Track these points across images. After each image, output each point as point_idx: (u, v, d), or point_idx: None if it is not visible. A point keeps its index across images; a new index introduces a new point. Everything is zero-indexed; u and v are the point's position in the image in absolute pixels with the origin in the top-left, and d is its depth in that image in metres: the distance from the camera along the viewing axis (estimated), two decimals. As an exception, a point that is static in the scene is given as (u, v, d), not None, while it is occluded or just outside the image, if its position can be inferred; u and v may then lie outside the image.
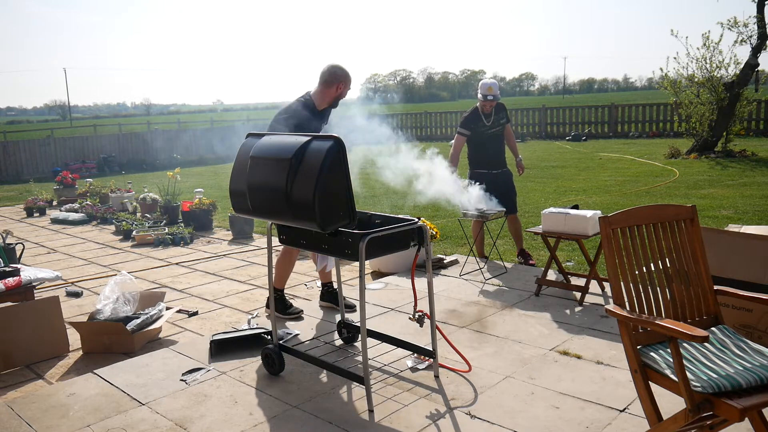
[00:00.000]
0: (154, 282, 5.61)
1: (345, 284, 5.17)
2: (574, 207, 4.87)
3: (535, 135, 22.66)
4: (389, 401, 3.04)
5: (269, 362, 3.42)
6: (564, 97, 77.67)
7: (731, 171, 11.38)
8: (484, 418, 2.84)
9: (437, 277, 5.22)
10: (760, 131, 18.53)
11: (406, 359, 3.51)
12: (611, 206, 7.99)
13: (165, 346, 3.93)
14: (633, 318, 2.26)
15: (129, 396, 3.21)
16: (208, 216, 8.11)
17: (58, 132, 25.67)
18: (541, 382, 3.19)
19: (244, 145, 3.17)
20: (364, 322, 2.93)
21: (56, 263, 6.49)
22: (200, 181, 13.25)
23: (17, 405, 3.16)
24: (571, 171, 12.49)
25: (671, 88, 14.82)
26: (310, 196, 2.74)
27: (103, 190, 10.57)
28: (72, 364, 3.81)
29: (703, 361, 2.24)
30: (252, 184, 3.04)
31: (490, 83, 5.53)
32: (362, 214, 3.25)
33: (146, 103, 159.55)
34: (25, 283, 4.08)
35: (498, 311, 4.32)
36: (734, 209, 7.58)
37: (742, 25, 13.79)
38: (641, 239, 2.49)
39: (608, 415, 2.83)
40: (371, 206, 8.26)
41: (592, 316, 4.15)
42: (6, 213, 10.52)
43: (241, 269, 5.97)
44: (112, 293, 4.08)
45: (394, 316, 4.30)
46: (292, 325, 4.21)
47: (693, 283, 2.54)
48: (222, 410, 3.03)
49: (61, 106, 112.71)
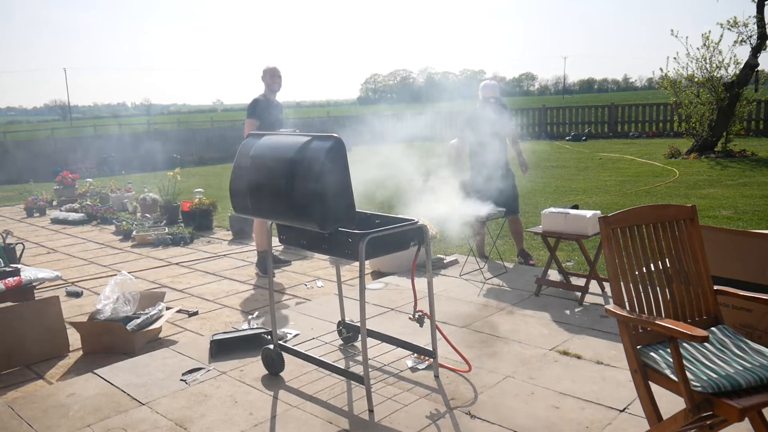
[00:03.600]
0: (154, 282, 5.61)
1: (345, 284, 5.17)
2: (574, 207, 4.87)
3: (535, 135, 22.65)
4: (389, 401, 3.04)
5: (269, 362, 3.42)
6: (564, 97, 77.65)
7: (731, 171, 11.38)
8: (484, 418, 2.84)
9: (437, 277, 5.22)
10: (760, 131, 18.52)
11: (406, 359, 3.51)
12: (611, 206, 7.99)
13: (165, 346, 3.93)
14: (633, 318, 2.26)
15: (129, 396, 3.22)
16: (208, 216, 8.11)
17: (58, 132, 25.69)
18: (541, 382, 3.19)
19: (244, 145, 3.17)
20: (364, 322, 2.94)
21: (56, 263, 6.49)
22: (200, 181, 13.24)
23: (17, 405, 3.16)
24: (571, 171, 12.49)
25: (671, 88, 14.82)
26: (310, 196, 2.75)
27: (103, 190, 10.56)
28: (72, 364, 3.81)
29: (703, 361, 2.24)
30: (252, 184, 3.04)
31: (492, 85, 5.49)
32: (362, 214, 3.25)
33: (146, 103, 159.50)
34: (25, 283, 4.08)
35: (498, 311, 4.32)
36: (734, 209, 7.58)
37: (742, 25, 13.79)
38: (641, 239, 2.49)
39: (608, 415, 2.83)
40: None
41: (592, 316, 4.15)
42: (6, 213, 10.52)
43: (241, 269, 5.97)
44: (112, 293, 4.08)
45: (394, 316, 4.30)
46: (292, 325, 4.21)
47: (693, 283, 2.54)
48: (222, 410, 3.03)
49: (61, 106, 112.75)
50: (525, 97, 69.82)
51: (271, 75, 5.60)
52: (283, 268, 5.92)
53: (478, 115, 5.50)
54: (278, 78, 5.64)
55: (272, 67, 5.64)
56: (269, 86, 5.60)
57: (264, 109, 5.51)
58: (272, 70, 5.62)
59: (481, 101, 5.45)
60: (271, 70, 5.62)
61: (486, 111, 5.46)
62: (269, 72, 5.61)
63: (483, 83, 5.52)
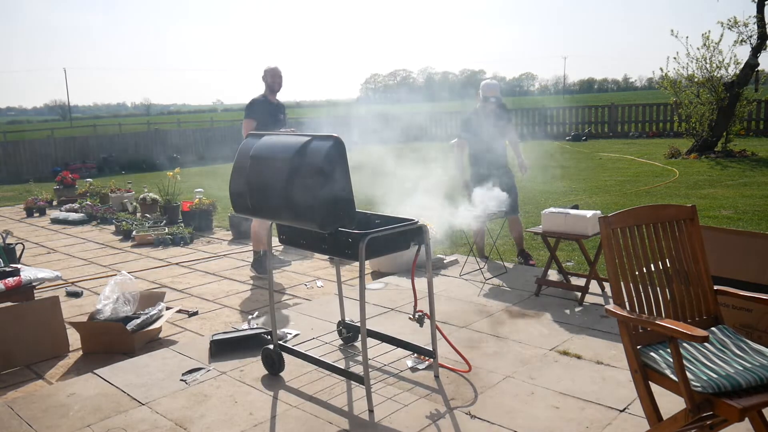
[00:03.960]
0: (154, 282, 5.61)
1: (345, 284, 5.17)
2: (574, 207, 4.87)
3: (535, 135, 22.64)
4: (389, 401, 3.04)
5: (269, 362, 3.42)
6: (564, 97, 77.62)
7: (731, 171, 11.38)
8: (484, 418, 2.84)
9: (437, 277, 5.22)
10: (760, 131, 18.51)
11: (406, 359, 3.51)
12: (611, 206, 7.99)
13: (165, 346, 3.93)
14: (633, 318, 2.26)
15: (129, 396, 3.21)
16: (208, 216, 8.11)
17: (58, 132, 25.64)
18: (541, 382, 3.19)
19: (244, 145, 3.17)
20: (364, 322, 2.93)
21: (56, 263, 6.49)
22: (200, 181, 13.24)
23: (17, 405, 3.16)
24: (571, 171, 12.49)
25: (671, 88, 14.81)
26: (310, 196, 2.75)
27: (103, 190, 10.56)
28: (72, 364, 3.81)
29: (703, 361, 2.24)
30: (252, 184, 3.04)
31: (493, 84, 5.48)
32: (362, 214, 3.25)
33: (146, 103, 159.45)
34: (25, 283, 4.08)
35: (498, 311, 4.32)
36: (734, 209, 7.58)
37: (742, 25, 13.78)
38: (641, 239, 2.49)
39: (608, 415, 2.83)
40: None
41: (592, 316, 4.15)
42: (6, 213, 10.52)
43: (241, 269, 5.97)
44: (112, 293, 4.08)
45: (394, 316, 4.30)
46: (292, 325, 4.21)
47: (693, 283, 2.54)
48: (222, 410, 3.03)
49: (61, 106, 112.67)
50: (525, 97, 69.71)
51: (272, 75, 5.63)
52: (282, 268, 5.92)
53: (478, 114, 5.49)
54: (279, 78, 5.65)
55: (273, 67, 5.66)
56: (269, 86, 5.62)
57: (262, 109, 5.52)
58: (273, 70, 5.64)
59: (482, 100, 5.43)
60: (272, 70, 5.64)
61: (486, 110, 5.44)
62: (270, 72, 5.63)
63: (484, 82, 5.51)
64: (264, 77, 5.65)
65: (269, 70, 5.64)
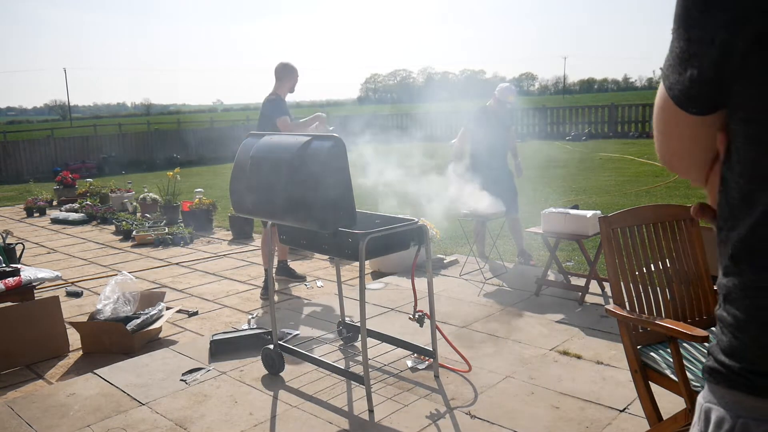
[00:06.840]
0: (154, 282, 5.61)
1: (345, 284, 5.17)
2: (574, 207, 4.87)
3: (535, 135, 22.64)
4: (389, 401, 3.04)
5: (269, 362, 3.42)
6: (564, 97, 77.64)
7: (731, 171, 11.36)
8: (484, 418, 2.84)
9: (437, 277, 5.22)
10: (760, 131, 18.52)
11: (406, 359, 3.51)
12: (611, 206, 7.99)
13: (165, 346, 3.93)
14: (633, 318, 2.26)
15: (129, 396, 3.21)
16: (208, 216, 8.10)
17: (58, 132, 25.63)
18: (541, 382, 3.19)
19: (244, 145, 3.17)
20: (364, 322, 2.94)
21: (56, 263, 6.49)
22: (200, 181, 13.24)
23: (17, 405, 3.16)
24: (571, 171, 12.49)
25: (671, 88, 14.80)
26: (310, 196, 2.75)
27: (103, 190, 10.56)
28: (72, 364, 3.81)
29: (703, 361, 2.24)
30: (252, 184, 3.04)
31: (511, 89, 5.51)
32: (362, 214, 3.25)
33: (146, 103, 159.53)
34: (25, 283, 4.08)
35: (498, 311, 4.32)
36: (734, 209, 7.57)
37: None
38: (641, 239, 2.49)
39: (608, 415, 2.83)
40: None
41: (592, 316, 4.15)
42: (6, 213, 10.52)
43: (241, 269, 5.97)
44: (113, 293, 4.08)
45: (394, 316, 4.30)
46: (292, 325, 4.21)
47: (693, 283, 2.54)
48: (222, 410, 3.03)
49: (61, 106, 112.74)
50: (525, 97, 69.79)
51: (297, 76, 5.17)
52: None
53: (487, 112, 5.50)
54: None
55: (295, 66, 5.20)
56: (291, 87, 5.15)
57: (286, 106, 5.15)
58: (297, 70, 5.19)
59: (497, 101, 5.44)
60: (297, 70, 5.18)
61: (497, 112, 5.47)
62: (296, 72, 5.14)
63: (504, 85, 5.52)
64: (290, 76, 5.11)
65: (296, 70, 5.15)
